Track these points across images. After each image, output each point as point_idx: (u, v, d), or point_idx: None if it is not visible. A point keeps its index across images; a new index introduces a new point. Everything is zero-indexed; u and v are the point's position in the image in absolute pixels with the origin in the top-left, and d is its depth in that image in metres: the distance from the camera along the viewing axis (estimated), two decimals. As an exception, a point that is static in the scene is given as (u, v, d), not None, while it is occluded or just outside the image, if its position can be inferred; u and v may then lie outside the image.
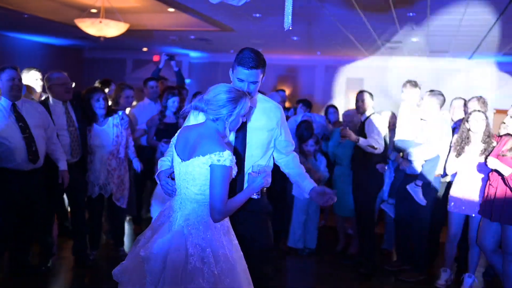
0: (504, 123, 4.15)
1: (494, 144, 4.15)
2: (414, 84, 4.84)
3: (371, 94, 4.84)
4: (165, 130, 5.23)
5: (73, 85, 4.40)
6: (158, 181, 2.66)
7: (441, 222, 4.92)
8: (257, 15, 7.25)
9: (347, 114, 5.37)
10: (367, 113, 4.77)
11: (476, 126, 4.22)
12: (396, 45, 9.44)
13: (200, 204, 2.36)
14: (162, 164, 2.70)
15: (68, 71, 4.49)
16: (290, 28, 3.11)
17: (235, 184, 2.64)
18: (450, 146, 4.49)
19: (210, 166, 2.27)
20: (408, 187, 4.62)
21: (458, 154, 4.31)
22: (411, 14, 6.71)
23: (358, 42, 9.39)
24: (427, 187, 4.62)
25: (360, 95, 4.85)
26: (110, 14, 7.36)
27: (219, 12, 7.28)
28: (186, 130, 2.50)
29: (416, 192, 4.59)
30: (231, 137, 2.69)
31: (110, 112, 4.55)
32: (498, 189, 3.93)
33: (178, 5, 6.97)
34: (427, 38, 8.53)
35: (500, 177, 3.92)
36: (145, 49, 12.43)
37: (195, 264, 2.23)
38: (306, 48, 10.51)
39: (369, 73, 11.63)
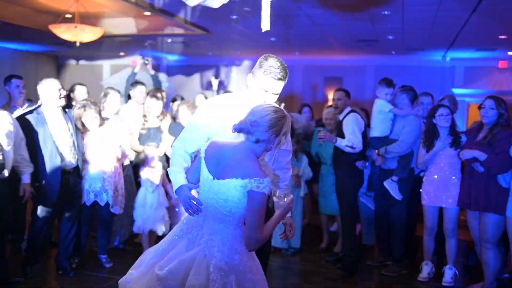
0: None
1: (462, 137, 4.34)
2: (389, 82, 4.91)
3: (347, 92, 4.88)
4: (148, 134, 5.25)
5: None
6: (176, 195, 2.50)
7: (417, 216, 5.02)
8: (234, 16, 7.26)
9: (328, 112, 5.41)
10: (345, 112, 4.81)
11: (442, 120, 4.34)
12: (373, 43, 9.54)
13: (227, 225, 2.26)
14: (177, 176, 2.53)
15: (43, 78, 4.43)
16: (268, 29, 3.14)
17: None
18: (415, 141, 4.65)
19: (248, 191, 2.17)
20: (384, 183, 4.70)
21: (428, 149, 4.41)
22: (386, 12, 6.80)
23: (335, 42, 9.47)
24: (402, 182, 4.69)
25: (336, 93, 4.88)
26: (85, 19, 7.28)
27: (195, 15, 7.26)
28: (219, 147, 2.36)
29: (392, 187, 4.67)
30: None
31: (102, 121, 4.53)
32: (473, 179, 4.04)
33: (154, 8, 6.93)
34: (403, 35, 8.65)
35: (474, 166, 4.03)
36: (122, 53, 12.32)
37: None
38: (284, 48, 10.55)
39: (347, 72, 11.73)
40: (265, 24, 3.16)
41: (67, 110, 4.40)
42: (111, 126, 4.61)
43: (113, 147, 4.58)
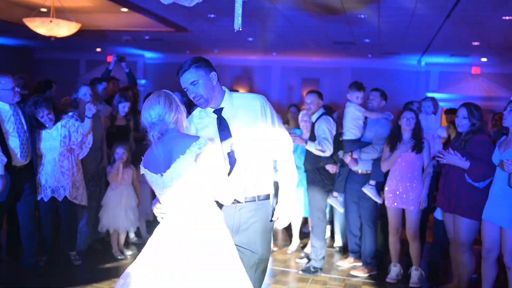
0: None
1: (426, 143, 4.44)
2: (359, 86, 4.97)
3: (319, 94, 4.91)
4: (117, 133, 5.20)
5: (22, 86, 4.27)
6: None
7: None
8: (212, 15, 7.24)
9: (304, 114, 5.42)
10: (317, 114, 4.83)
11: (406, 123, 4.43)
12: (349, 46, 9.64)
13: (195, 208, 2.35)
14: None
15: (18, 72, 4.36)
16: (240, 29, 3.14)
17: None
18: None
19: (196, 160, 2.28)
20: (363, 189, 4.75)
21: (391, 151, 4.50)
22: (362, 16, 6.88)
23: (312, 43, 9.53)
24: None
25: (308, 96, 4.89)
26: (61, 13, 7.17)
27: (173, 13, 7.22)
28: (149, 151, 2.45)
29: (372, 192, 4.73)
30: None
31: (58, 118, 4.44)
32: (448, 181, 4.08)
33: (131, 5, 6.87)
34: (379, 39, 8.76)
35: (450, 169, 4.07)
36: (98, 49, 12.18)
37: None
38: (262, 49, 10.58)
39: (324, 74, 11.83)
40: (237, 24, 3.17)
41: (22, 105, 4.31)
42: (68, 121, 4.49)
43: (69, 142, 4.48)
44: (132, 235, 5.45)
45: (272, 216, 2.78)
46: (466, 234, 3.99)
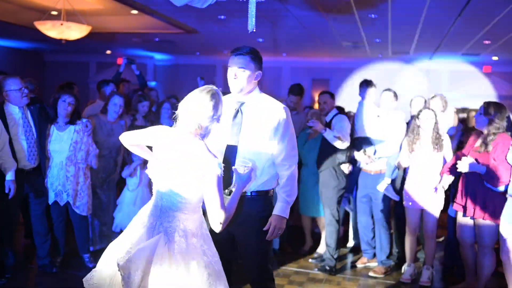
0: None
1: (446, 141, 4.38)
2: (370, 83, 4.95)
3: (332, 94, 4.92)
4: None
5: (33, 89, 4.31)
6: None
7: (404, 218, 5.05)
8: (222, 17, 7.26)
9: (314, 112, 5.39)
10: (331, 114, 4.84)
11: (426, 123, 4.40)
12: (360, 46, 9.61)
13: (184, 211, 2.35)
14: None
15: (28, 74, 4.40)
16: (254, 30, 3.16)
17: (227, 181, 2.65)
18: (402, 143, 4.67)
19: (203, 174, 2.27)
20: (378, 187, 4.73)
21: (411, 150, 4.47)
22: (373, 15, 6.85)
23: (322, 43, 9.51)
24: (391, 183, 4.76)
25: (322, 96, 4.93)
26: (72, 16, 7.22)
27: (183, 14, 7.24)
28: (166, 134, 2.43)
29: (388, 190, 4.71)
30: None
31: (74, 120, 4.47)
32: (470, 184, 4.02)
33: (141, 7, 6.90)
34: (389, 39, 8.72)
35: (471, 173, 4.00)
36: (108, 51, 12.25)
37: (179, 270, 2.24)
38: (272, 49, 10.58)
39: (334, 74, 11.80)
40: (251, 25, 3.18)
41: (32, 107, 4.33)
42: (79, 126, 4.50)
43: (79, 149, 4.49)
44: None
45: (264, 212, 2.82)
46: (489, 237, 3.96)
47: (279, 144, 2.78)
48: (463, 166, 3.93)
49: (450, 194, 4.75)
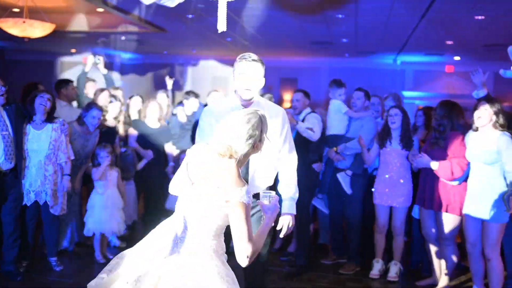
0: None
1: (414, 139, 4.53)
2: (339, 82, 5.03)
3: (306, 93, 4.97)
4: (106, 133, 5.17)
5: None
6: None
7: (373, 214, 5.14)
8: (191, 16, 7.21)
9: (286, 111, 5.45)
10: (304, 113, 4.89)
11: (391, 121, 4.53)
12: (327, 46, 9.72)
13: (205, 235, 2.20)
14: None
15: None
16: (224, 30, 3.16)
17: None
18: (372, 140, 4.80)
19: (228, 201, 2.10)
20: (338, 174, 4.83)
21: (381, 147, 4.59)
22: (340, 16, 6.95)
23: (290, 43, 9.58)
24: (357, 181, 4.83)
25: (295, 94, 4.97)
26: (34, 14, 7.03)
27: (151, 13, 7.17)
28: (201, 150, 2.29)
29: (344, 180, 4.80)
30: None
31: (51, 118, 4.38)
32: (429, 179, 4.18)
33: (107, 5, 6.78)
34: (356, 38, 8.86)
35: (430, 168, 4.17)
36: (73, 50, 11.99)
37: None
38: (240, 49, 10.57)
39: (302, 73, 11.90)
40: (221, 25, 3.17)
41: (7, 107, 4.21)
42: (57, 125, 4.43)
43: (56, 146, 4.41)
44: (114, 239, 5.37)
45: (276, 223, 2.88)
46: (450, 229, 4.11)
47: (284, 144, 2.96)
48: (417, 161, 4.16)
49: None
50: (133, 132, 5.51)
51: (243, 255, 2.10)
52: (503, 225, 3.76)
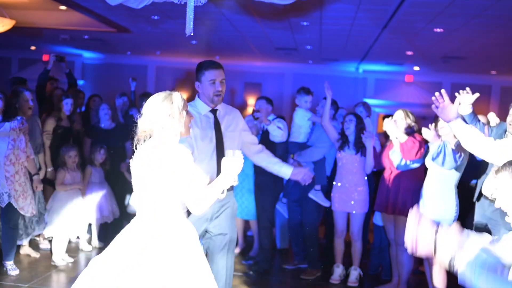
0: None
1: (368, 144, 4.54)
2: (307, 91, 5.09)
3: (270, 100, 4.99)
4: (63, 133, 5.06)
5: None
6: None
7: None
8: (156, 17, 7.15)
9: (247, 120, 5.46)
10: (270, 118, 4.92)
11: (346, 126, 4.65)
12: (291, 52, 9.83)
13: (162, 215, 2.31)
14: None
15: None
16: (192, 34, 3.17)
17: None
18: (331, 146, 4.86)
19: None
20: (309, 194, 4.84)
21: (339, 153, 4.68)
22: (305, 23, 7.05)
23: (255, 48, 9.63)
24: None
25: (257, 102, 4.99)
26: (-7, 9, 6.81)
27: (115, 13, 7.05)
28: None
29: (318, 196, 4.84)
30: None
31: (8, 117, 4.24)
32: (391, 184, 4.30)
33: (70, 3, 6.64)
34: (320, 46, 9.00)
35: (390, 172, 4.32)
36: (33, 47, 11.64)
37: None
38: (205, 52, 10.55)
39: (266, 78, 11.98)
40: (189, 29, 3.18)
41: None
42: (15, 123, 4.30)
43: (15, 145, 4.29)
44: (82, 242, 5.26)
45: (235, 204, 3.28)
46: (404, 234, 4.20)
47: (249, 134, 3.40)
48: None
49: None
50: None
51: (201, 204, 2.29)
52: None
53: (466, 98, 3.61)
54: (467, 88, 3.59)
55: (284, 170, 3.39)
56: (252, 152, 3.41)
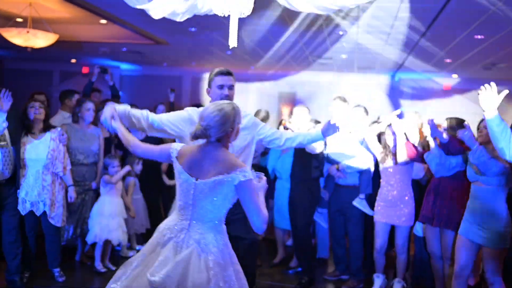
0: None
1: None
2: (343, 99, 5.07)
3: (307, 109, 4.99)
4: (106, 144, 5.20)
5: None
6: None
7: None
8: (193, 29, 7.25)
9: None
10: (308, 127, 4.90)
11: (389, 138, 4.58)
12: (327, 61, 9.79)
13: (215, 222, 2.40)
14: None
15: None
16: (235, 46, 3.20)
17: None
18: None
19: (237, 184, 2.33)
20: (354, 203, 4.79)
21: (383, 163, 4.58)
22: (341, 32, 7.02)
23: (290, 57, 9.64)
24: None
25: (297, 109, 4.98)
26: (38, 24, 7.05)
27: (153, 25, 7.19)
28: (190, 149, 2.49)
29: (362, 205, 4.78)
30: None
31: (48, 127, 4.38)
32: (436, 196, 4.16)
33: (111, 17, 6.81)
34: (355, 55, 8.94)
35: (434, 184, 4.18)
36: (73, 60, 12.00)
37: (218, 284, 2.26)
38: (239, 62, 10.62)
39: (300, 88, 11.99)
40: (233, 40, 3.21)
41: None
42: (55, 134, 4.44)
43: (54, 155, 4.41)
44: (124, 249, 5.36)
45: None
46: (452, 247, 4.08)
47: (266, 126, 3.44)
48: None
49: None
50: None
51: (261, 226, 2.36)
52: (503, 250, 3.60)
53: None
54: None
55: (315, 134, 3.46)
56: (279, 141, 3.43)
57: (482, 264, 3.80)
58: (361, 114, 4.99)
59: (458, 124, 4.16)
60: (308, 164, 4.77)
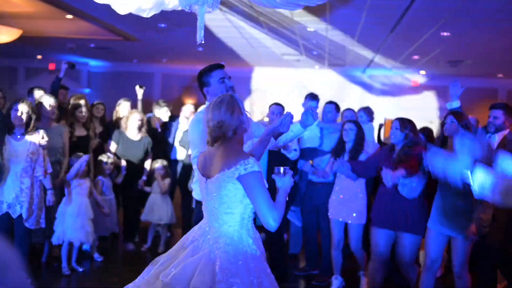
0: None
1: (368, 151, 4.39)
2: (314, 96, 5.07)
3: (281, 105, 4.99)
4: (77, 142, 5.10)
5: None
6: None
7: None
8: (163, 25, 7.17)
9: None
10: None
11: (345, 135, 4.42)
12: (298, 58, 9.84)
13: (231, 225, 2.24)
14: None
15: None
16: (203, 42, 3.16)
17: None
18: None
19: (238, 177, 2.14)
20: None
21: (334, 160, 4.39)
22: (311, 29, 7.05)
23: (261, 54, 9.64)
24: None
25: (274, 107, 4.96)
26: (1, 18, 6.85)
27: (122, 21, 7.07)
28: (205, 152, 2.38)
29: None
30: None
31: (30, 129, 4.23)
32: (389, 197, 3.92)
33: (78, 12, 6.67)
34: (326, 51, 9.00)
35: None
36: (39, 56, 11.71)
37: None
38: (211, 58, 10.56)
39: (272, 84, 12.03)
40: (200, 36, 3.18)
41: None
42: (35, 137, 4.30)
43: (33, 158, 4.28)
44: (94, 249, 5.25)
45: None
46: (411, 252, 3.90)
47: (262, 126, 3.28)
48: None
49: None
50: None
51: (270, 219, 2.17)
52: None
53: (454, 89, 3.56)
54: None
55: (296, 128, 3.11)
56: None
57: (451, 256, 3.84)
58: (333, 111, 5.01)
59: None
60: (280, 162, 4.75)
